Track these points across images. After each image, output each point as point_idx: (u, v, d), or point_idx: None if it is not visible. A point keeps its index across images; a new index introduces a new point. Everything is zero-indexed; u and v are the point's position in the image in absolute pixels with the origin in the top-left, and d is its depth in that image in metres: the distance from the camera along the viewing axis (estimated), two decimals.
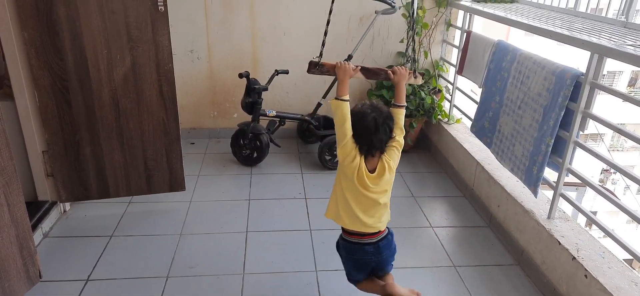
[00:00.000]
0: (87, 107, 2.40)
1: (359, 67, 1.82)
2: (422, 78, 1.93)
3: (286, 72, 3.36)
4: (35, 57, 2.24)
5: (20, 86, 2.31)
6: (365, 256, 1.81)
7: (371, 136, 1.67)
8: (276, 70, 3.33)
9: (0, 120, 1.76)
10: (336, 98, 1.70)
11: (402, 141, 1.76)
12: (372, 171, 1.72)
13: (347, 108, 1.68)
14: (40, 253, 2.22)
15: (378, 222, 1.79)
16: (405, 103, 1.81)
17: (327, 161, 3.35)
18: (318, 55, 1.89)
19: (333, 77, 3.37)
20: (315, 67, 1.84)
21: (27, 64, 2.26)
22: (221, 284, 2.15)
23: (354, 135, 1.68)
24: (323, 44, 1.99)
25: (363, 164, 1.69)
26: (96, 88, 2.37)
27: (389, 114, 1.71)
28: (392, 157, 1.73)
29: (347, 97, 1.70)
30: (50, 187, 2.58)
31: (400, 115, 1.77)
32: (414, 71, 1.89)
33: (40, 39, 2.21)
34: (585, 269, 1.90)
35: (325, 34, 2.08)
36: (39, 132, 2.43)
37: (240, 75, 3.11)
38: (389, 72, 1.83)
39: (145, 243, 2.44)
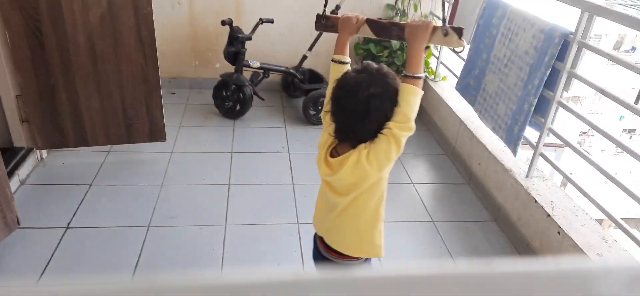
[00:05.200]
0: (62, 50, 2.29)
1: (365, 19, 1.35)
2: (461, 39, 1.24)
3: (271, 21, 3.26)
4: None
5: None
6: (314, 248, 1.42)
7: (355, 121, 1.14)
8: (260, 19, 3.22)
9: None
10: (332, 59, 1.31)
11: (401, 133, 1.14)
12: (333, 156, 1.22)
13: (338, 72, 1.26)
14: (17, 200, 2.18)
15: (336, 238, 1.30)
16: (422, 74, 1.19)
17: (311, 116, 3.32)
18: (323, 5, 1.47)
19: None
20: (320, 22, 1.43)
21: None
22: (203, 234, 2.16)
23: (331, 111, 1.19)
24: None
25: (326, 137, 1.24)
26: (71, 31, 2.26)
27: (393, 90, 1.15)
28: (375, 148, 1.15)
29: (343, 59, 1.30)
30: (26, 133, 2.50)
31: (407, 93, 1.15)
32: (443, 24, 1.23)
33: None
34: (559, 226, 1.96)
35: None
36: (12, 75, 2.32)
37: (223, 23, 3.01)
38: (406, 24, 1.26)
39: (126, 193, 2.41)
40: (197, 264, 1.99)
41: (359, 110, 1.13)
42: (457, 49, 1.32)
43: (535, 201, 2.13)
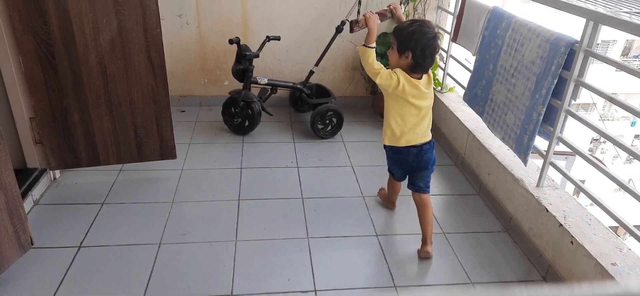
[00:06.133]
0: (74, 73, 2.34)
1: (377, 14, 2.09)
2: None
3: (278, 39, 3.30)
4: (18, 21, 2.17)
5: (5, 51, 2.24)
6: (408, 156, 2.12)
7: (434, 57, 1.94)
8: (267, 37, 3.27)
9: None
10: (364, 45, 1.95)
11: None
12: (419, 79, 1.98)
13: (373, 53, 1.95)
14: (31, 221, 2.22)
15: (428, 130, 2.10)
16: None
17: (319, 130, 3.34)
18: (356, 13, 2.20)
19: (326, 45, 3.34)
20: (357, 25, 2.11)
21: (10, 27, 2.19)
22: (214, 250, 2.17)
23: (417, 58, 1.90)
24: (359, 2, 2.24)
25: (410, 78, 1.94)
26: (82, 54, 2.31)
27: None
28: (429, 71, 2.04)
29: (374, 45, 1.96)
30: (39, 154, 2.55)
31: None
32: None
33: (23, 1, 2.13)
34: (572, 235, 1.94)
35: None
36: (26, 98, 2.38)
37: (231, 41, 3.05)
38: (391, 8, 2.20)
39: (137, 211, 2.44)
40: (209, 280, 2.00)
41: (437, 49, 1.94)
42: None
43: (547, 210, 2.11)
